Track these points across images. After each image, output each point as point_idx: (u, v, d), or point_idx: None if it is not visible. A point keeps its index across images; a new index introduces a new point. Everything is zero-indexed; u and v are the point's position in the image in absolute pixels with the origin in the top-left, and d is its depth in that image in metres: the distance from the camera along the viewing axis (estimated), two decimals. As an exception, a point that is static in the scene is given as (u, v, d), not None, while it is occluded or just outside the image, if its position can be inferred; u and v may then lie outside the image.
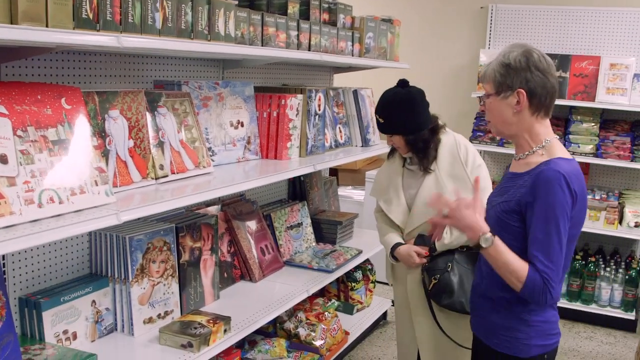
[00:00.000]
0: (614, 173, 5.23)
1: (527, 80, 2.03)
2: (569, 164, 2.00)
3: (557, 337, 2.13)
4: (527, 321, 2.07)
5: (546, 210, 1.93)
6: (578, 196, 1.96)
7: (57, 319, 2.28)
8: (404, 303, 2.97)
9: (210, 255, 2.88)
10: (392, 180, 2.94)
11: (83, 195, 1.89)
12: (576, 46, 5.21)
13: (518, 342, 2.08)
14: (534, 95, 2.03)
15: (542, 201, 1.94)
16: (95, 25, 1.77)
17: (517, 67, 2.03)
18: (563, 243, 1.95)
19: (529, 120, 2.07)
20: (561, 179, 1.93)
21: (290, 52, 2.77)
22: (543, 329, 2.08)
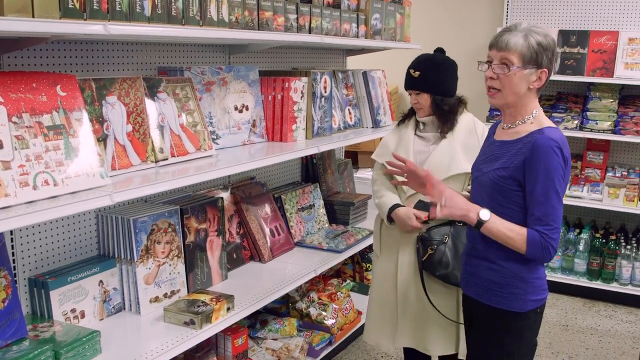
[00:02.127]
0: (634, 149, 5.16)
1: (550, 62, 2.20)
2: (557, 132, 2.18)
3: (547, 293, 2.31)
4: (524, 278, 2.22)
5: (545, 175, 2.11)
6: (568, 161, 2.15)
7: (65, 298, 2.38)
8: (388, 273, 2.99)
9: (217, 236, 2.95)
10: (402, 143, 2.99)
11: (78, 178, 1.97)
12: (595, 22, 5.14)
13: (515, 297, 2.23)
14: (548, 76, 2.21)
15: (541, 167, 2.11)
16: (82, 14, 1.84)
17: (547, 47, 2.18)
18: (561, 205, 2.13)
19: (530, 94, 2.23)
20: (555, 145, 2.10)
21: (288, 35, 2.81)
22: (537, 284, 2.24)
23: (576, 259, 4.93)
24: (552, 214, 2.12)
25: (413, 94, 2.94)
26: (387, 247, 3.02)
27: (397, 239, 2.96)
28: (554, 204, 2.12)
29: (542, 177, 2.12)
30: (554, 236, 2.12)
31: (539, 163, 2.12)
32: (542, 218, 2.12)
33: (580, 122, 4.91)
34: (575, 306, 4.84)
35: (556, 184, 2.12)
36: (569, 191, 4.98)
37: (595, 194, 4.92)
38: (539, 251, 2.14)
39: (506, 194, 2.21)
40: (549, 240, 2.12)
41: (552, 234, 2.12)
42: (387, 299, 3.02)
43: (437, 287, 2.87)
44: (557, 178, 2.12)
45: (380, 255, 3.06)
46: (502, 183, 2.21)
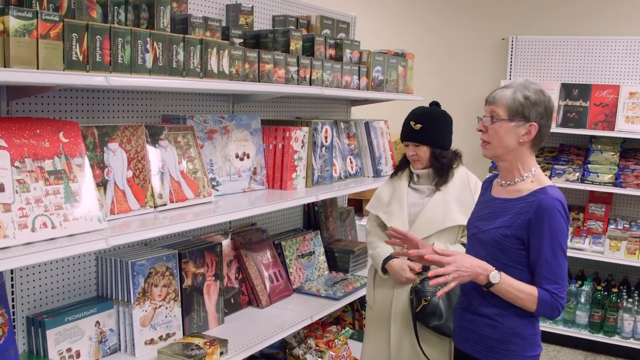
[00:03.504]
0: (636, 202, 5.19)
1: (541, 117, 2.24)
2: (558, 191, 2.27)
3: (541, 347, 2.37)
4: (521, 334, 2.26)
5: (551, 234, 2.17)
6: (569, 218, 2.26)
7: (61, 337, 2.43)
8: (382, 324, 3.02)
9: (214, 281, 3.01)
10: (396, 195, 3.05)
11: (76, 221, 2.05)
12: (596, 76, 5.25)
13: (513, 353, 2.27)
14: (541, 131, 2.25)
15: (547, 227, 2.17)
16: (85, 66, 1.94)
17: (537, 102, 2.23)
18: (566, 261, 2.22)
19: (526, 151, 2.28)
20: (560, 205, 2.19)
21: (287, 87, 2.91)
22: (533, 340, 2.30)
23: (578, 311, 4.92)
24: (559, 272, 2.18)
25: (411, 146, 3.01)
26: (381, 298, 3.06)
27: (391, 290, 3.00)
28: (561, 263, 2.19)
29: (548, 237, 2.17)
30: (562, 295, 2.19)
31: (544, 223, 2.17)
32: (550, 277, 2.17)
33: (581, 174, 4.96)
34: (576, 359, 4.81)
35: (563, 243, 2.20)
36: (570, 243, 5.00)
37: (597, 246, 4.93)
38: (549, 310, 2.19)
39: (508, 253, 2.26)
40: (559, 300, 2.18)
41: (561, 292, 2.18)
42: (381, 350, 3.04)
43: (431, 337, 2.90)
44: (563, 237, 2.20)
45: (373, 306, 3.10)
46: (504, 241, 2.25)
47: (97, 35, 1.97)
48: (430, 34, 6.07)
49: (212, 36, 2.61)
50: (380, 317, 3.04)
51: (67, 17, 1.94)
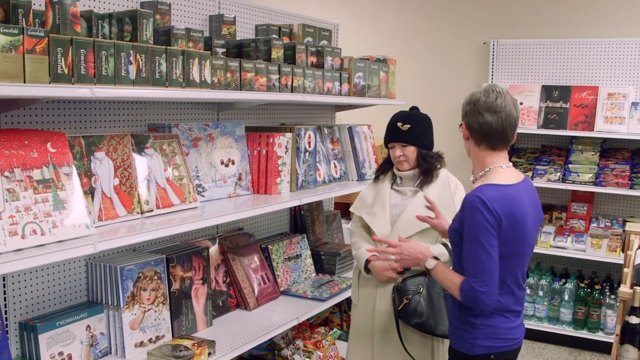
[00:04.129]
0: (617, 201, 5.30)
1: (467, 115, 2.36)
2: (495, 189, 2.28)
3: (509, 342, 2.41)
4: (473, 323, 2.38)
5: (469, 231, 2.27)
6: (503, 216, 2.23)
7: (53, 341, 2.51)
8: (366, 323, 3.11)
9: (202, 284, 3.09)
10: (379, 198, 3.15)
11: (64, 228, 2.13)
12: (576, 77, 5.36)
13: (465, 340, 2.41)
14: (471, 128, 2.36)
15: (467, 222, 2.28)
16: (70, 79, 2.03)
17: (467, 101, 2.37)
18: (491, 258, 2.24)
19: (474, 149, 2.40)
20: (479, 201, 2.23)
21: (268, 94, 3.00)
22: (488, 331, 2.37)
23: (562, 309, 5.02)
24: (479, 267, 2.24)
25: (398, 147, 3.08)
26: (365, 297, 3.14)
27: (374, 289, 3.09)
28: (481, 258, 2.23)
29: (468, 233, 2.27)
30: (481, 289, 2.23)
31: (467, 219, 2.28)
32: (471, 271, 2.27)
33: (562, 174, 5.07)
34: (560, 355, 4.91)
35: (481, 238, 2.23)
36: (553, 242, 5.11)
37: (579, 244, 5.04)
38: (470, 301, 2.28)
39: (457, 246, 2.40)
40: (477, 293, 2.23)
41: (479, 286, 2.23)
42: (365, 348, 3.13)
43: (413, 335, 2.98)
44: (483, 233, 2.22)
45: (358, 304, 3.18)
46: (453, 236, 2.41)
47: (82, 49, 2.06)
48: (413, 39, 6.18)
49: (194, 47, 2.70)
50: (365, 315, 3.12)
51: (52, 32, 2.03)
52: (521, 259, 2.38)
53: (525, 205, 2.33)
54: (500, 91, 2.36)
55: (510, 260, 2.32)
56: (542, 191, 5.58)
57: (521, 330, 2.49)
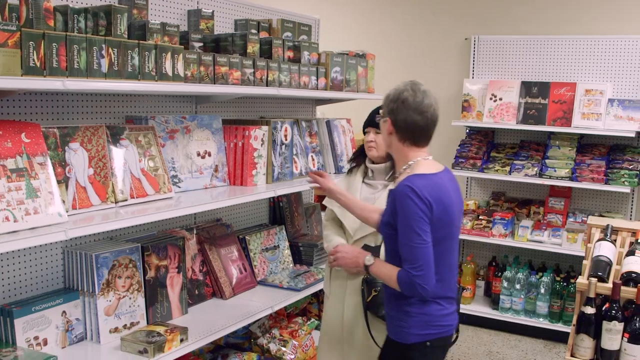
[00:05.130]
0: (594, 196, 5.40)
1: (394, 112, 2.45)
2: (423, 178, 2.38)
3: (444, 329, 2.53)
4: (408, 312, 2.47)
5: (402, 220, 2.35)
6: (432, 202, 2.33)
7: (29, 326, 2.59)
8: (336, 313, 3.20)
9: (177, 273, 3.17)
10: (350, 191, 3.21)
11: (37, 215, 2.21)
12: (555, 74, 5.44)
13: (400, 329, 2.51)
14: (397, 125, 2.47)
15: (400, 212, 2.35)
16: (42, 71, 2.10)
17: (390, 99, 2.47)
18: (425, 244, 2.33)
19: (397, 145, 2.51)
20: (409, 190, 2.32)
21: (242, 88, 3.08)
22: (423, 320, 2.46)
23: (538, 302, 5.12)
24: (415, 254, 2.32)
25: (372, 132, 3.13)
26: (336, 288, 3.23)
27: (345, 281, 3.17)
28: (416, 245, 2.31)
29: (402, 221, 2.34)
30: (418, 273, 2.31)
31: (398, 208, 2.35)
32: (407, 258, 2.35)
33: (539, 169, 5.16)
34: (536, 348, 5.01)
35: (414, 226, 2.31)
36: (530, 235, 5.20)
37: (555, 238, 5.14)
38: (409, 288, 2.36)
39: (389, 239, 2.49)
40: (414, 278, 2.31)
41: (415, 271, 2.31)
42: (335, 338, 3.21)
43: (380, 326, 3.06)
44: (416, 220, 2.31)
45: (329, 296, 3.27)
46: (385, 229, 2.50)
47: (54, 43, 2.13)
48: (396, 35, 6.26)
49: (170, 41, 2.77)
50: (336, 306, 3.21)
51: (25, 27, 2.10)
52: (451, 243, 2.49)
53: (450, 191, 2.44)
54: (425, 90, 2.48)
55: (441, 245, 2.40)
56: (519, 186, 5.68)
57: (454, 317, 2.58)
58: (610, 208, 5.36)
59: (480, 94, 5.51)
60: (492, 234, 5.32)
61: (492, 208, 5.63)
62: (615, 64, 5.22)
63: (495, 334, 5.29)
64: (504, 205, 5.62)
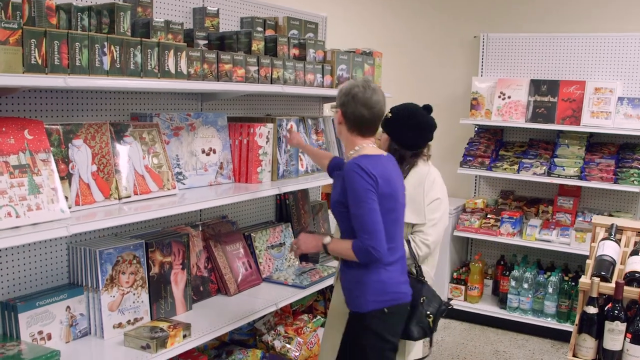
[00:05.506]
0: (604, 195, 5.37)
1: (344, 105, 2.73)
2: (368, 158, 2.65)
3: (398, 296, 2.73)
4: (361, 282, 2.67)
5: (352, 195, 2.58)
6: (377, 177, 2.58)
7: (33, 320, 2.62)
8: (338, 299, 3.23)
9: (182, 269, 3.19)
10: None
11: (39, 211, 2.23)
12: (565, 72, 5.41)
13: (357, 299, 2.69)
14: (346, 117, 2.73)
15: (349, 188, 2.59)
16: (44, 69, 2.13)
17: (342, 92, 2.73)
18: (374, 212, 2.55)
19: (346, 133, 2.78)
20: (357, 167, 2.58)
21: (246, 85, 3.09)
22: (376, 287, 2.66)
23: (546, 301, 5.09)
24: (366, 221, 2.55)
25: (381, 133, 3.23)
26: None
27: None
28: (366, 215, 2.55)
29: (351, 194, 2.58)
30: (370, 239, 2.54)
31: (348, 184, 2.59)
32: (359, 228, 2.57)
33: (548, 167, 5.13)
34: (543, 347, 4.99)
35: (363, 197, 2.55)
36: (538, 235, 5.18)
37: (564, 237, 5.11)
38: (364, 254, 2.57)
39: (340, 217, 2.69)
40: (367, 242, 2.54)
41: (368, 238, 2.54)
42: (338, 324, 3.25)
43: None
44: (364, 192, 2.55)
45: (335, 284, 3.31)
46: (335, 208, 2.69)
47: (55, 41, 2.15)
48: (405, 33, 6.24)
49: (174, 39, 2.79)
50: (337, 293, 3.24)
51: (28, 25, 2.12)
52: (397, 216, 2.71)
53: (392, 169, 2.72)
54: (374, 88, 2.72)
55: (387, 217, 2.62)
56: (528, 184, 5.65)
57: (408, 287, 2.79)
58: (620, 207, 5.33)
59: (489, 92, 5.49)
60: (500, 232, 5.31)
61: (501, 207, 5.61)
62: (625, 62, 5.18)
63: (502, 333, 5.28)
64: (512, 204, 5.60)
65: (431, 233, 3.10)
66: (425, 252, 3.10)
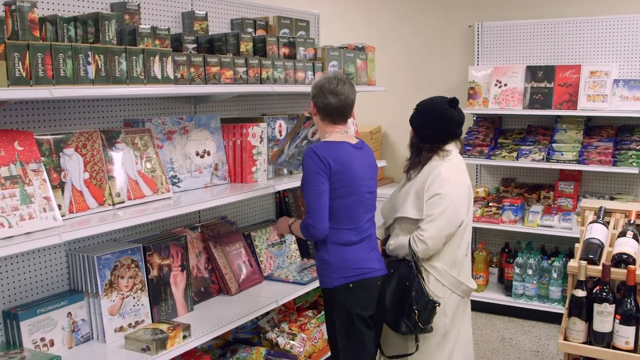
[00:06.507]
0: (604, 178, 5.37)
1: (315, 97, 3.01)
2: (325, 144, 2.92)
3: (363, 271, 2.94)
4: (326, 260, 2.94)
5: (304, 177, 2.88)
6: (331, 161, 2.82)
7: (34, 328, 2.67)
8: None
9: (181, 271, 3.23)
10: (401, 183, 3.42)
11: (32, 220, 2.28)
12: (560, 57, 5.41)
13: (323, 276, 2.98)
14: (317, 107, 3.01)
15: (304, 171, 2.89)
16: (28, 81, 2.17)
17: (314, 85, 3.01)
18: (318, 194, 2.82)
19: (319, 123, 3.07)
20: (311, 152, 2.84)
21: (235, 86, 3.13)
22: (340, 264, 2.91)
23: (551, 287, 5.11)
24: (310, 204, 2.84)
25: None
26: None
27: None
28: (311, 196, 2.83)
29: (304, 179, 2.88)
30: (310, 220, 2.84)
31: (303, 169, 2.89)
32: (306, 210, 2.87)
33: (547, 153, 5.14)
34: (550, 333, 5.00)
35: (310, 179, 2.83)
36: (540, 221, 5.19)
37: (566, 222, 5.12)
38: (306, 231, 2.91)
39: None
40: (308, 221, 2.85)
41: (309, 216, 2.85)
42: None
43: None
44: (313, 175, 2.82)
45: None
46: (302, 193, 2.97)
47: (39, 53, 2.19)
48: (400, 25, 6.26)
49: (161, 44, 2.82)
50: None
51: (12, 39, 2.17)
52: (357, 199, 2.91)
53: (354, 155, 2.92)
54: (341, 78, 2.97)
55: (346, 199, 2.87)
56: (529, 171, 5.66)
57: (376, 263, 3.01)
58: (621, 190, 5.32)
59: (485, 81, 5.50)
60: (502, 220, 5.32)
61: (502, 194, 5.62)
62: (620, 45, 5.17)
63: (509, 320, 5.29)
64: (514, 191, 5.61)
65: (427, 229, 3.03)
66: (422, 248, 3.04)
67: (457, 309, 3.19)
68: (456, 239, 3.15)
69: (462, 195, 3.14)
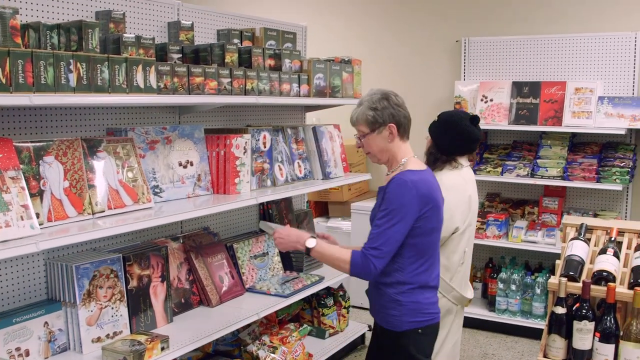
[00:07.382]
0: (588, 195, 5.38)
1: (393, 116, 2.58)
2: (415, 174, 2.58)
3: (432, 317, 2.66)
4: (399, 301, 2.59)
5: (392, 205, 2.48)
6: (427, 197, 2.52)
7: (10, 337, 2.63)
8: None
9: (161, 282, 3.20)
10: None
11: (8, 229, 2.25)
12: (546, 73, 5.43)
13: (393, 318, 2.62)
14: (400, 124, 2.63)
15: (392, 198, 2.49)
16: (8, 88, 2.15)
17: (384, 107, 2.61)
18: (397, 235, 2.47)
19: (398, 144, 2.66)
20: (408, 182, 2.49)
21: (218, 97, 3.12)
22: (413, 308, 2.60)
23: (534, 302, 5.10)
24: (382, 236, 2.46)
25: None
26: None
27: None
28: (386, 228, 2.46)
29: (390, 206, 2.47)
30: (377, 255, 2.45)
31: (389, 194, 2.50)
32: (373, 237, 2.49)
33: (531, 169, 5.15)
34: (532, 349, 4.99)
35: (398, 212, 2.46)
36: (524, 236, 5.20)
37: (549, 238, 5.12)
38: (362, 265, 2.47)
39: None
40: (372, 257, 2.45)
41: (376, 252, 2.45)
42: None
43: None
44: (399, 206, 2.46)
45: None
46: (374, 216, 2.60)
47: (19, 60, 2.17)
48: (387, 38, 6.28)
49: (145, 53, 2.81)
50: None
51: (-9, 45, 2.15)
52: (438, 235, 2.65)
53: (436, 186, 2.64)
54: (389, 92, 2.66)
55: (431, 237, 2.58)
56: (514, 187, 5.67)
57: (438, 307, 2.72)
58: (605, 206, 5.34)
59: (471, 96, 5.51)
60: (487, 235, 5.32)
61: (487, 209, 5.62)
62: (605, 62, 5.21)
63: (492, 335, 5.28)
64: (498, 206, 5.62)
65: None
66: None
67: (446, 313, 3.21)
68: (451, 245, 3.26)
69: (460, 203, 3.28)
